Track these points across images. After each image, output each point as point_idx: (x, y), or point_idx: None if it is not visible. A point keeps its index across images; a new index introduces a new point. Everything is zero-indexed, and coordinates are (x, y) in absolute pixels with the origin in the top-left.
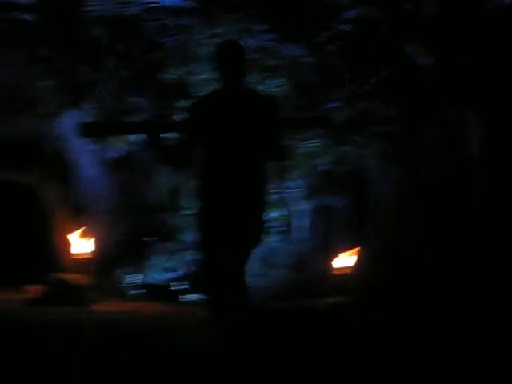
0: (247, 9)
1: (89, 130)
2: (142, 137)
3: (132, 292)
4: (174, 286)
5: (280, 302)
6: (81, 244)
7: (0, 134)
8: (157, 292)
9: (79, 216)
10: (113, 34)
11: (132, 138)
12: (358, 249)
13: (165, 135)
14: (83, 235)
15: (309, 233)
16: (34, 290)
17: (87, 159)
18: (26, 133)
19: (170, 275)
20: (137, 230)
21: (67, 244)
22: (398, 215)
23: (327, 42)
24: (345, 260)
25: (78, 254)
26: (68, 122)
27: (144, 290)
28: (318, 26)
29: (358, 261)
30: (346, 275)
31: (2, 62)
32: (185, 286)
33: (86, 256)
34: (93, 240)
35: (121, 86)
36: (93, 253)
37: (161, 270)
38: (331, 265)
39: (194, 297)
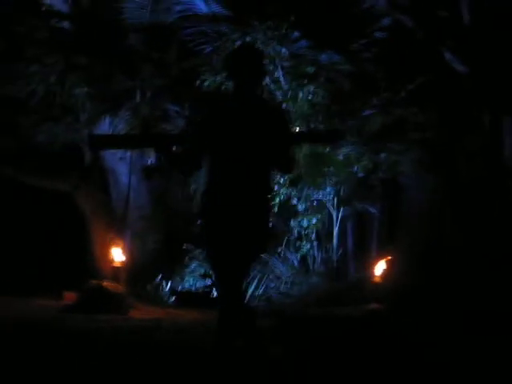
0: (284, 16)
1: (97, 143)
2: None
3: (170, 299)
4: (212, 293)
5: (314, 309)
6: (118, 251)
7: (37, 141)
8: (195, 299)
9: (116, 223)
10: (148, 41)
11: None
12: (391, 256)
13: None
14: (120, 242)
15: (343, 240)
16: (72, 296)
17: (124, 166)
18: (63, 140)
19: (208, 282)
20: (174, 237)
21: (105, 251)
22: (431, 222)
23: (363, 49)
24: (379, 267)
25: (115, 261)
26: (104, 130)
27: (182, 297)
28: (353, 33)
29: (392, 268)
30: (380, 282)
31: (39, 69)
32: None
33: (123, 263)
34: (130, 247)
35: (156, 94)
36: (130, 260)
37: (199, 276)
38: (366, 272)
39: None
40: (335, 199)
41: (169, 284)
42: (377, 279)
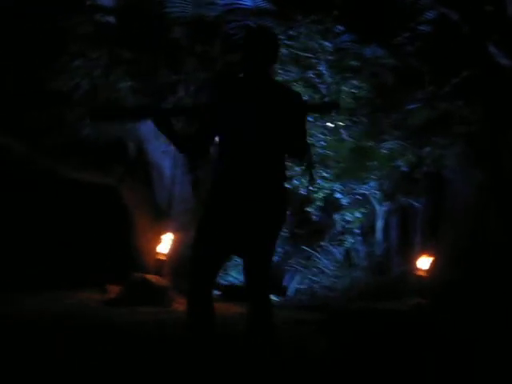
0: (327, 10)
1: (96, 115)
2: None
3: (213, 292)
4: None
5: (358, 303)
6: (162, 244)
7: (81, 135)
8: (239, 293)
9: (160, 217)
10: (192, 35)
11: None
12: (435, 250)
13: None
14: (164, 236)
15: (387, 234)
16: (115, 289)
17: (168, 160)
18: (107, 134)
19: None
20: None
21: (148, 244)
22: (476, 217)
23: (407, 42)
24: (423, 261)
25: (159, 254)
26: (149, 124)
27: (226, 291)
28: (397, 27)
29: (436, 262)
30: (424, 276)
31: (83, 64)
32: None
33: (166, 256)
34: (173, 240)
35: (200, 88)
36: (174, 253)
37: (241, 270)
38: (409, 266)
39: (274, 298)
40: (379, 193)
41: None
42: (421, 273)
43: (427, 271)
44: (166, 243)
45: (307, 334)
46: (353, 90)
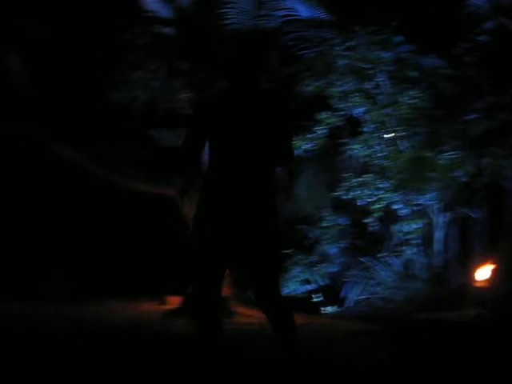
0: (385, 21)
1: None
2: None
3: None
4: (314, 297)
5: (417, 314)
6: None
7: (141, 146)
8: (297, 304)
9: None
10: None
11: None
12: (494, 261)
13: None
14: None
15: (446, 245)
16: (174, 301)
17: None
18: (165, 145)
19: (309, 287)
20: None
21: None
22: None
23: (466, 53)
24: (483, 272)
25: None
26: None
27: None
28: (456, 37)
29: (496, 273)
30: (484, 288)
31: (142, 75)
32: (323, 297)
33: None
34: None
35: None
36: None
37: (300, 281)
38: (469, 277)
39: (333, 309)
40: (438, 204)
41: None
42: (480, 285)
43: (487, 282)
44: None
45: (366, 344)
46: (411, 101)
